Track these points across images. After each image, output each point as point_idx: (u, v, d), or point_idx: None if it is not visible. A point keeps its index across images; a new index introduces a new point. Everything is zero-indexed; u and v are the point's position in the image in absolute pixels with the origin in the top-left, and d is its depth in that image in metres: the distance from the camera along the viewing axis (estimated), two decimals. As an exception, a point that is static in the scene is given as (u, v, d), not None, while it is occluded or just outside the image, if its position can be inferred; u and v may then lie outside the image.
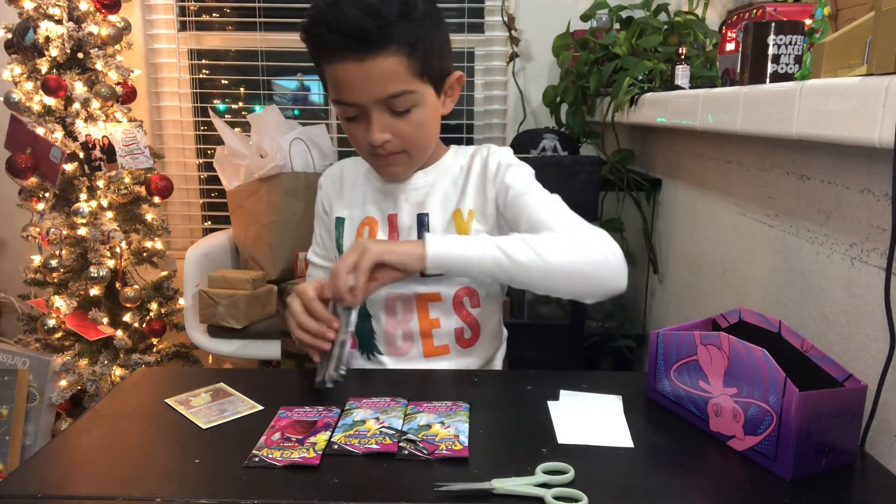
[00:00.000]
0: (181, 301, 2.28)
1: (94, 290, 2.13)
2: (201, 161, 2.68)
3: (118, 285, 2.15)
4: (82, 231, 2.09)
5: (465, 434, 0.76)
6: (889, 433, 0.76)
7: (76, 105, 2.07)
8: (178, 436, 0.79)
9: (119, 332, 2.14)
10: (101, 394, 2.08)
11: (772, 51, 1.06)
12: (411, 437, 0.75)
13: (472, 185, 1.04)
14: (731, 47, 1.48)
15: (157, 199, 2.25)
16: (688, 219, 1.54)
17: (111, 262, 2.13)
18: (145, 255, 2.25)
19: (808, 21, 1.08)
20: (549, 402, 0.86)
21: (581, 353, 1.77)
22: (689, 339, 0.80)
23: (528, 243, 0.90)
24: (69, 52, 2.05)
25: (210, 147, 2.64)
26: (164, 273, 2.33)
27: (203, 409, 0.85)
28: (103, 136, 2.08)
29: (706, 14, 1.96)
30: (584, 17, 2.08)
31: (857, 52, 0.78)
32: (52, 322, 2.08)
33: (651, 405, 0.87)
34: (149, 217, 2.25)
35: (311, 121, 2.55)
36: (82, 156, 2.06)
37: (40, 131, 2.04)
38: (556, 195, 1.00)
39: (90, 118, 2.09)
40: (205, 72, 2.67)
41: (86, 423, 0.82)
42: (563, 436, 0.77)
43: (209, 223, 2.73)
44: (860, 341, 0.82)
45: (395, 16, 0.87)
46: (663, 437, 0.79)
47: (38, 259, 2.13)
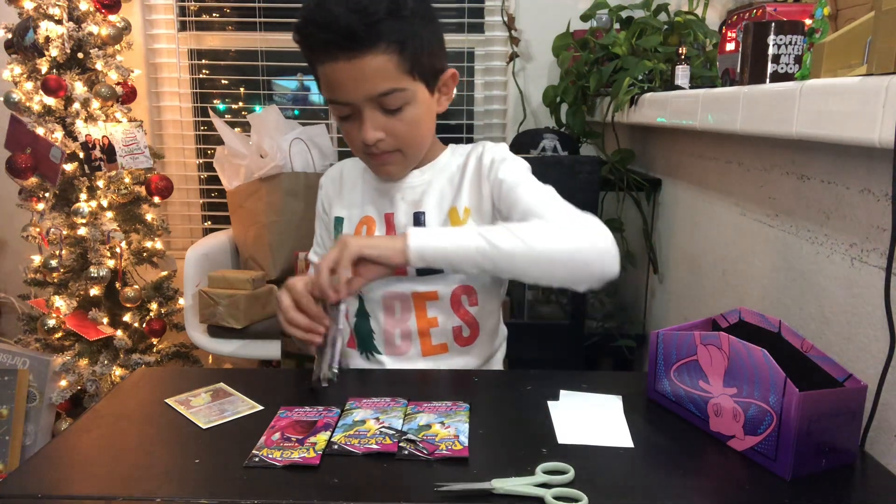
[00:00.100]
0: (181, 301, 2.28)
1: (94, 290, 2.13)
2: (201, 161, 2.68)
3: (118, 285, 2.15)
4: (82, 231, 2.09)
5: (465, 434, 0.76)
6: (889, 433, 0.76)
7: (76, 105, 2.07)
8: (178, 436, 0.79)
9: (119, 332, 2.14)
10: (101, 394, 2.08)
11: (772, 51, 1.06)
12: (411, 437, 0.75)
13: (467, 182, 1.04)
14: (731, 47, 1.48)
15: (157, 199, 2.25)
16: (688, 219, 1.54)
17: (111, 262, 2.13)
18: (145, 255, 2.25)
19: (808, 21, 1.08)
20: (549, 402, 0.86)
21: (581, 353, 1.77)
22: (689, 339, 0.80)
23: (513, 231, 0.89)
24: (69, 52, 2.05)
25: (210, 147, 2.64)
26: (164, 273, 2.33)
27: (203, 409, 0.85)
28: (103, 136, 2.08)
29: (706, 14, 1.96)
30: (584, 17, 2.08)
31: (857, 52, 0.78)
32: (52, 322, 2.08)
33: (651, 405, 0.87)
34: (149, 217, 2.25)
35: (311, 121, 2.55)
36: (82, 156, 2.06)
37: (40, 131, 2.04)
38: (549, 186, 0.99)
39: (90, 118, 2.09)
40: (205, 72, 2.67)
41: (86, 423, 0.82)
42: (563, 436, 0.77)
43: (209, 223, 2.73)
44: (860, 341, 0.82)
45: (383, 13, 0.87)
46: (663, 437, 0.79)
47: (38, 259, 2.13)
